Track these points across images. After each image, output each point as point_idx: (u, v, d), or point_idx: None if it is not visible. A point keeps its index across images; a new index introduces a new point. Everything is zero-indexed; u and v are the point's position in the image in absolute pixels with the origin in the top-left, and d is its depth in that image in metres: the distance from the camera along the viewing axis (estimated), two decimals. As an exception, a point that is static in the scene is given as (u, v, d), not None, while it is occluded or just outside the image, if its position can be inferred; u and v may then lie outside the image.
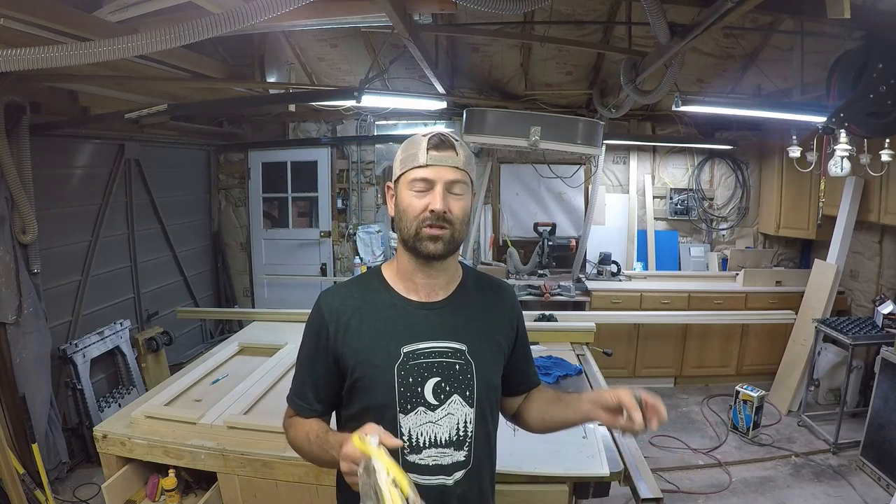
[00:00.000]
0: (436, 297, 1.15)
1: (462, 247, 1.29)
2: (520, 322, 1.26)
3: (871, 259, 4.18)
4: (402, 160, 1.11)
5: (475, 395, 1.12)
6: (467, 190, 1.12)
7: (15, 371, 2.88)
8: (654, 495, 1.64)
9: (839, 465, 3.35)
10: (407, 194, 1.09)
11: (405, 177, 1.10)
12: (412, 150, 1.10)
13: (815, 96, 3.32)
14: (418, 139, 1.10)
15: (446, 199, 1.07)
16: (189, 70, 3.27)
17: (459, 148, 1.10)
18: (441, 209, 1.06)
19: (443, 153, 1.08)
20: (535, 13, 3.50)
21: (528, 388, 1.31)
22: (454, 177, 1.08)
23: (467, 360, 1.12)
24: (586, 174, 5.09)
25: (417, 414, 1.09)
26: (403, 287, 1.15)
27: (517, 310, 1.27)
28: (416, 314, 1.13)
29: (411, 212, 1.08)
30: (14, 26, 1.89)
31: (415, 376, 1.09)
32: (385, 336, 1.11)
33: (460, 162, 1.09)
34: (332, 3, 2.37)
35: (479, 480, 1.15)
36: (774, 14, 2.82)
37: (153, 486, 1.99)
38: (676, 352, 4.54)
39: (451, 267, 1.17)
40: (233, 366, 2.62)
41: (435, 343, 1.11)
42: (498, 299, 1.23)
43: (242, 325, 4.00)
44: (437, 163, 1.07)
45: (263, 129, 5.35)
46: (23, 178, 2.91)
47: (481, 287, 1.22)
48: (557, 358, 2.65)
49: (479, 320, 1.17)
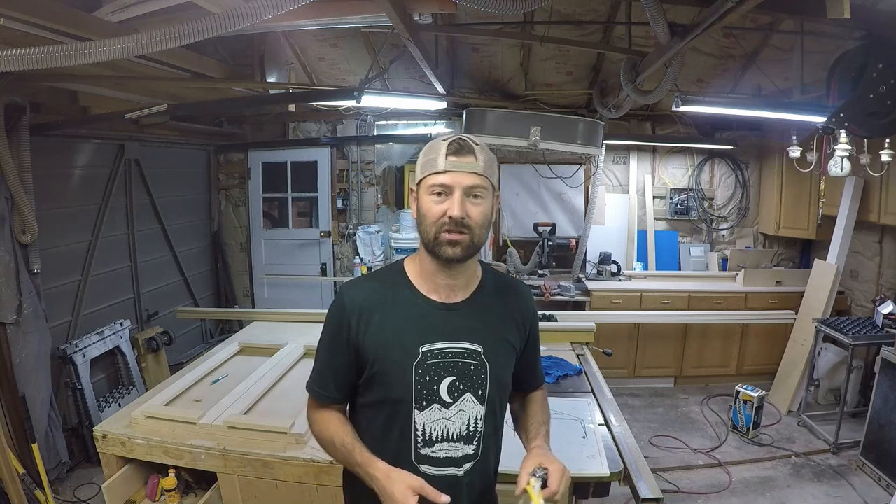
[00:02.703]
0: (455, 298, 1.18)
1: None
2: (533, 324, 1.30)
3: (871, 259, 4.18)
4: (423, 165, 1.13)
5: (487, 393, 1.16)
6: (487, 194, 1.12)
7: (15, 371, 2.88)
8: (654, 495, 1.64)
9: (839, 465, 3.35)
10: (426, 199, 1.11)
11: (425, 182, 1.11)
12: (432, 154, 1.11)
13: (815, 96, 3.32)
14: (438, 144, 1.11)
15: (464, 204, 1.08)
16: (189, 70, 3.27)
17: (479, 152, 1.10)
18: (458, 216, 1.07)
19: (462, 159, 1.08)
20: (535, 13, 3.50)
21: (531, 388, 1.35)
22: (473, 182, 1.08)
23: (482, 360, 1.15)
24: (586, 174, 5.09)
25: (432, 410, 1.13)
26: (425, 286, 1.17)
27: (532, 312, 1.30)
28: (435, 314, 1.15)
29: (430, 217, 1.10)
30: (14, 26, 1.89)
31: (431, 375, 1.12)
32: (405, 334, 1.13)
33: (479, 167, 1.09)
34: (332, 3, 2.37)
35: (486, 469, 1.22)
36: (774, 14, 2.82)
37: (153, 486, 1.99)
38: (676, 352, 4.54)
39: (471, 268, 1.20)
40: (233, 366, 2.62)
41: (453, 343, 1.14)
42: (515, 301, 1.26)
43: (242, 325, 3.99)
44: (456, 168, 1.08)
45: (263, 129, 5.35)
46: (23, 178, 2.91)
47: (499, 288, 1.25)
48: (557, 358, 2.65)
49: (495, 322, 1.21)
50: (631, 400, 4.33)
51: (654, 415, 4.14)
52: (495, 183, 1.15)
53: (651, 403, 4.33)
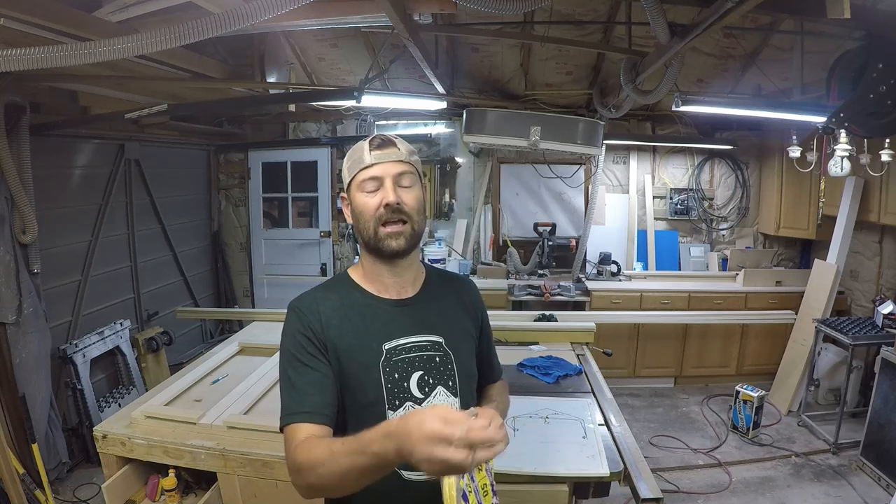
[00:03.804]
0: (406, 293, 1.19)
1: (463, 247, 1.30)
2: (484, 314, 1.32)
3: (871, 259, 4.18)
4: (349, 166, 1.15)
5: (458, 384, 1.16)
6: (416, 181, 1.15)
7: (15, 371, 2.88)
8: (654, 495, 1.64)
9: (839, 465, 3.35)
10: (359, 196, 1.12)
11: (355, 181, 1.13)
12: (357, 154, 1.14)
13: (815, 96, 3.32)
14: (360, 144, 1.15)
15: (397, 191, 1.11)
16: (189, 70, 3.27)
17: (400, 144, 1.15)
18: (394, 201, 1.09)
19: (385, 150, 1.12)
20: (535, 13, 3.50)
21: (490, 380, 1.35)
22: (400, 169, 1.12)
23: (445, 351, 1.16)
24: (586, 174, 5.10)
25: (405, 409, 1.10)
26: (374, 287, 1.18)
27: (481, 302, 1.33)
28: (391, 311, 1.15)
29: (367, 211, 1.11)
30: (14, 26, 1.90)
31: (399, 371, 1.11)
32: (365, 334, 1.12)
33: (403, 155, 1.13)
34: (332, 3, 2.37)
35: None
36: (774, 14, 2.82)
37: (153, 486, 1.99)
38: (676, 352, 4.54)
39: (415, 264, 1.22)
40: (233, 366, 2.62)
41: (413, 338, 1.14)
42: (463, 292, 1.29)
43: (242, 325, 3.99)
44: (382, 160, 1.11)
45: (263, 129, 5.35)
46: (23, 178, 2.91)
47: (445, 282, 1.28)
48: (557, 358, 2.65)
49: (449, 312, 1.22)
50: (631, 400, 4.33)
51: (654, 415, 4.14)
52: (420, 171, 1.19)
53: (651, 403, 4.33)
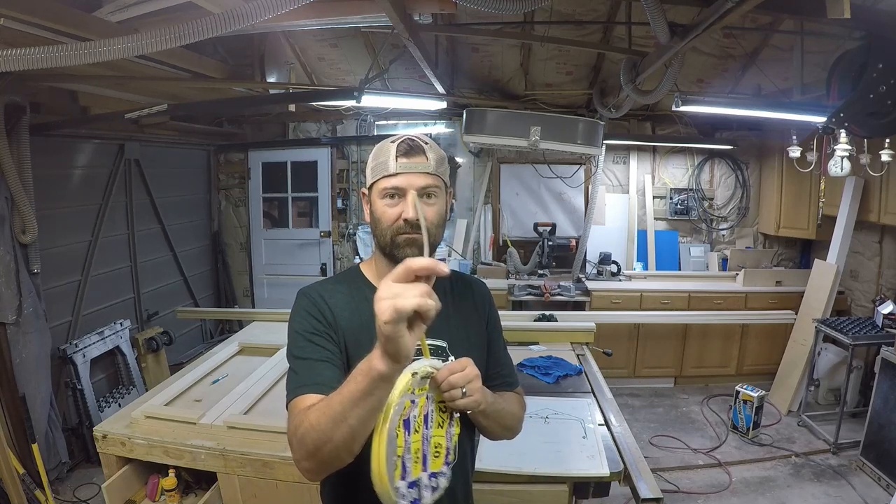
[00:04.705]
0: None
1: (463, 247, 1.29)
2: (489, 315, 1.26)
3: (871, 259, 4.18)
4: (373, 168, 1.10)
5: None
6: (441, 193, 1.10)
7: (15, 371, 2.88)
8: (654, 495, 1.64)
9: (839, 465, 3.35)
10: (379, 203, 1.08)
11: (376, 185, 1.09)
12: (382, 157, 1.08)
13: (815, 96, 3.32)
14: (387, 146, 1.08)
15: (418, 206, 1.05)
16: (189, 70, 3.27)
17: (430, 151, 1.08)
18: (413, 218, 1.04)
19: (412, 160, 1.06)
20: (535, 13, 3.50)
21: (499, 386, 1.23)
22: (425, 182, 1.06)
23: (448, 356, 1.14)
24: (586, 174, 5.10)
25: None
26: None
27: (486, 303, 1.27)
28: None
29: (385, 221, 1.07)
30: (14, 26, 1.90)
31: None
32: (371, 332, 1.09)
33: (431, 167, 1.07)
34: (332, 3, 2.37)
35: (463, 472, 1.17)
36: (774, 14, 2.82)
37: (153, 486, 1.99)
38: (676, 352, 4.54)
39: None
40: (233, 366, 2.62)
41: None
42: (470, 293, 1.25)
43: (242, 325, 3.99)
44: (408, 170, 1.05)
45: (263, 129, 5.36)
46: (23, 178, 2.91)
47: (454, 285, 1.24)
48: (557, 358, 2.65)
49: (456, 316, 1.18)
50: (631, 400, 4.33)
51: (654, 415, 4.14)
52: (447, 181, 1.13)
53: (651, 403, 4.33)
